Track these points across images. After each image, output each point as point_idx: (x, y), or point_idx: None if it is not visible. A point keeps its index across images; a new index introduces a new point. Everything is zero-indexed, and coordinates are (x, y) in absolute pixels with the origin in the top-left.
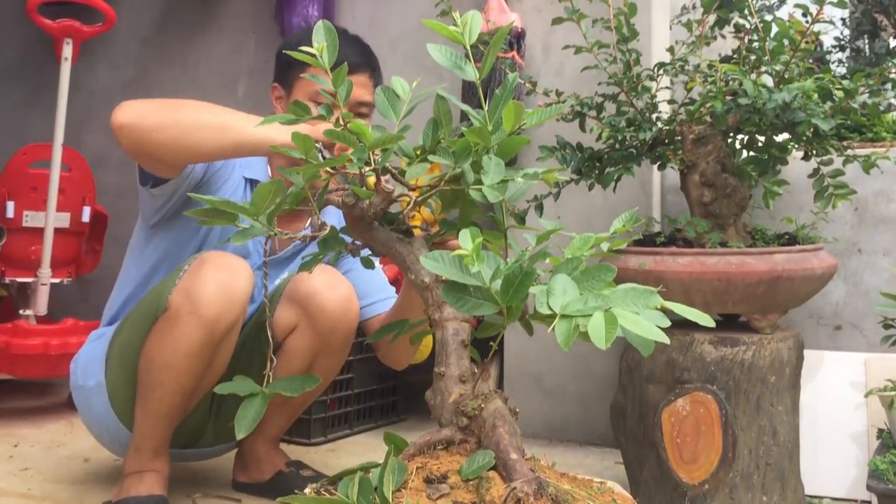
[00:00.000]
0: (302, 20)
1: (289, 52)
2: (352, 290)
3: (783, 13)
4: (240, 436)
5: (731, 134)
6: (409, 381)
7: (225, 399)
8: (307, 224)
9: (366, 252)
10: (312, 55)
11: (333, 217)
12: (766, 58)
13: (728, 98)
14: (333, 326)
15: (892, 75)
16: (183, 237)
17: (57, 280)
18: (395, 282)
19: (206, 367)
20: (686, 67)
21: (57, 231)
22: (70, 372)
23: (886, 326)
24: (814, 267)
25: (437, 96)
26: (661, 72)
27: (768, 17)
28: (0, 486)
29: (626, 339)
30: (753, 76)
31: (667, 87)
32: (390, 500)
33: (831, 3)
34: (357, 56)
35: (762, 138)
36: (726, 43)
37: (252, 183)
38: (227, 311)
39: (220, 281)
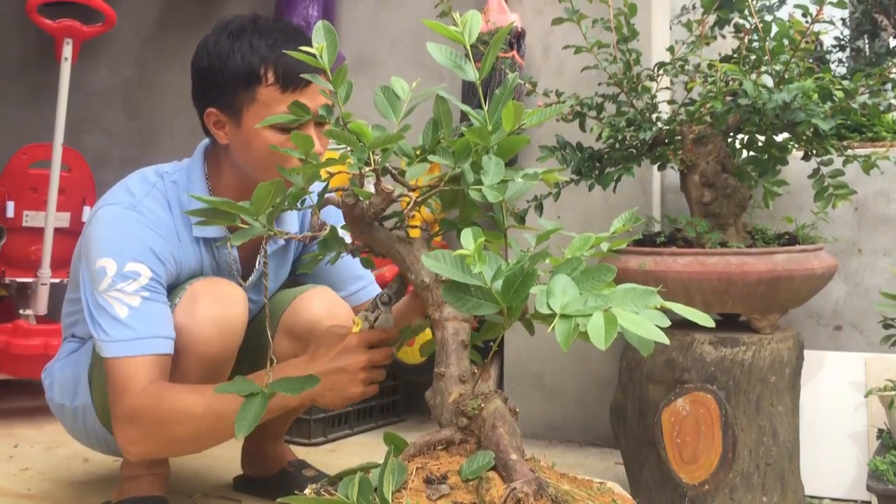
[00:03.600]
0: (302, 20)
1: (215, 72)
2: (350, 311)
3: (783, 13)
4: (240, 436)
5: (731, 134)
6: (409, 381)
7: None
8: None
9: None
10: (312, 55)
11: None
12: (766, 58)
13: (728, 98)
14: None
15: (892, 75)
16: None
17: (57, 280)
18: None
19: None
20: (686, 67)
21: (57, 231)
22: (43, 384)
23: (886, 326)
24: (814, 267)
25: (437, 96)
26: (661, 72)
27: (768, 17)
28: (0, 485)
29: (626, 339)
30: (753, 76)
31: (667, 88)
32: (390, 500)
33: (831, 3)
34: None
35: (762, 138)
36: (726, 43)
37: (205, 241)
38: (227, 345)
39: (216, 316)
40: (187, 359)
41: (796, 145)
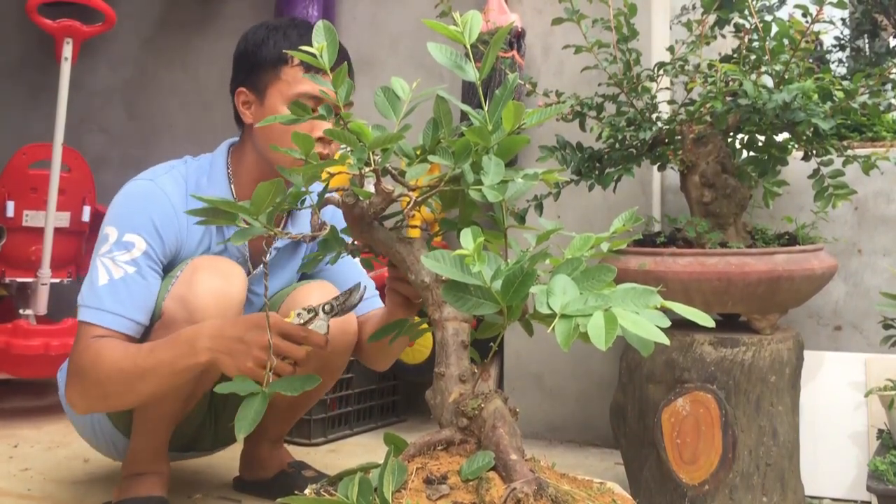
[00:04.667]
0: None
1: (250, 55)
2: (351, 314)
3: (783, 13)
4: (240, 436)
5: (731, 134)
6: (409, 381)
7: (224, 403)
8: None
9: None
10: (313, 55)
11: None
12: (766, 58)
13: (728, 98)
14: (333, 349)
15: (892, 75)
16: None
17: (57, 280)
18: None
19: (203, 371)
20: (686, 67)
21: (57, 231)
22: (58, 382)
23: (886, 326)
24: (814, 267)
25: (437, 96)
26: (661, 72)
27: (768, 17)
28: (0, 486)
29: (626, 339)
30: (753, 76)
31: (667, 88)
32: (390, 500)
33: (831, 3)
34: (340, 52)
35: (762, 138)
36: (726, 43)
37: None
38: (224, 317)
39: (215, 288)
40: (184, 328)
41: (796, 145)
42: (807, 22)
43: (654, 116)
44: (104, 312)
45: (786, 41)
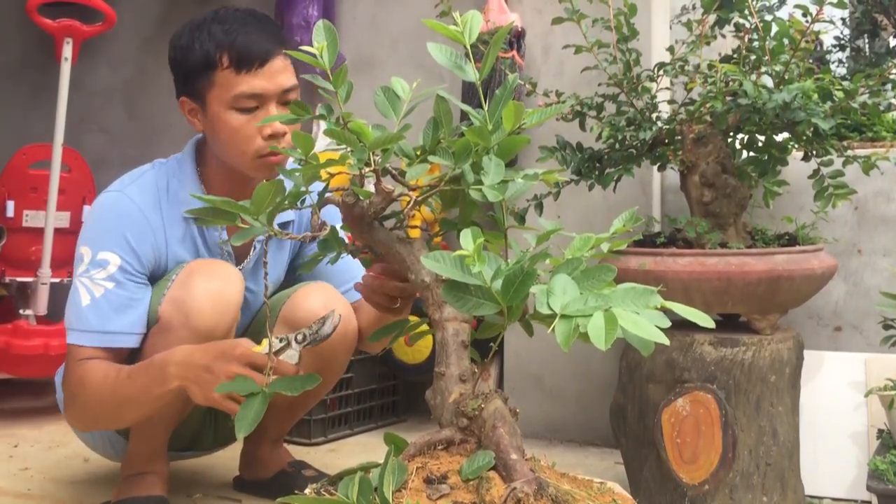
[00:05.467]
0: (301, 20)
1: (179, 63)
2: (350, 308)
3: (783, 13)
4: (240, 436)
5: (731, 134)
6: (409, 381)
7: None
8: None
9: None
10: (312, 55)
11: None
12: (766, 58)
13: (728, 98)
14: (334, 350)
15: (892, 75)
16: None
17: (57, 280)
18: None
19: None
20: (686, 67)
21: (57, 231)
22: (57, 386)
23: (886, 327)
24: (814, 267)
25: (437, 96)
26: (661, 72)
27: (768, 17)
28: (0, 485)
29: (626, 340)
30: (753, 76)
31: (667, 88)
32: (390, 500)
33: (831, 3)
34: (266, 40)
35: (762, 138)
36: (726, 43)
37: (197, 223)
38: (221, 320)
39: (212, 291)
40: (183, 333)
41: (796, 145)
42: (807, 22)
43: (654, 116)
44: (90, 333)
45: (786, 41)
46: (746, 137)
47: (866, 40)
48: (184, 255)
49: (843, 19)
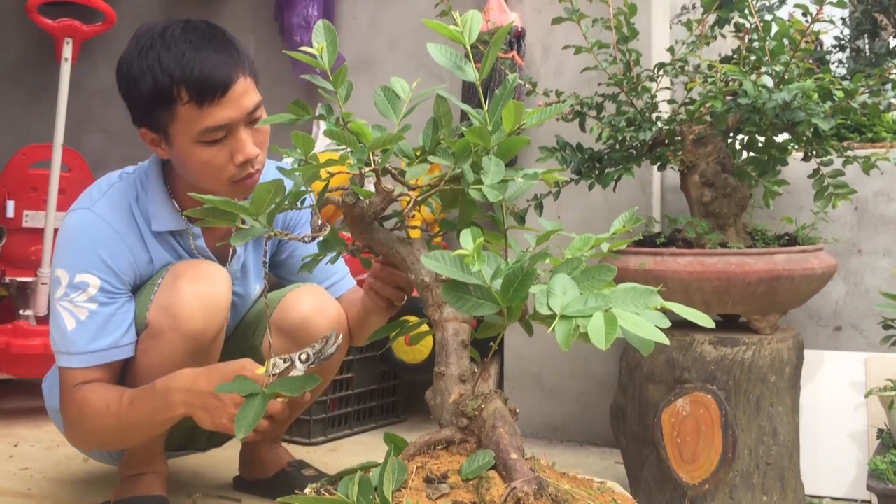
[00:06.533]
0: (301, 20)
1: (132, 94)
2: (340, 309)
3: (783, 13)
4: (240, 436)
5: (731, 134)
6: (410, 381)
7: None
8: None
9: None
10: (312, 55)
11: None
12: (766, 58)
13: (728, 98)
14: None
15: (892, 75)
16: None
17: None
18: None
19: None
20: (686, 67)
21: (57, 231)
22: (44, 393)
23: (886, 326)
24: (814, 267)
25: (437, 96)
26: (661, 72)
27: (768, 17)
28: (0, 485)
29: (626, 339)
30: (753, 76)
31: (667, 88)
32: (390, 499)
33: (831, 3)
34: (224, 63)
35: (762, 138)
36: (726, 43)
37: (163, 234)
38: (211, 322)
39: (199, 293)
40: (173, 337)
41: (796, 145)
42: (807, 22)
43: (654, 116)
44: (81, 355)
45: (786, 41)
46: (746, 137)
47: (866, 40)
48: (168, 259)
49: (843, 19)
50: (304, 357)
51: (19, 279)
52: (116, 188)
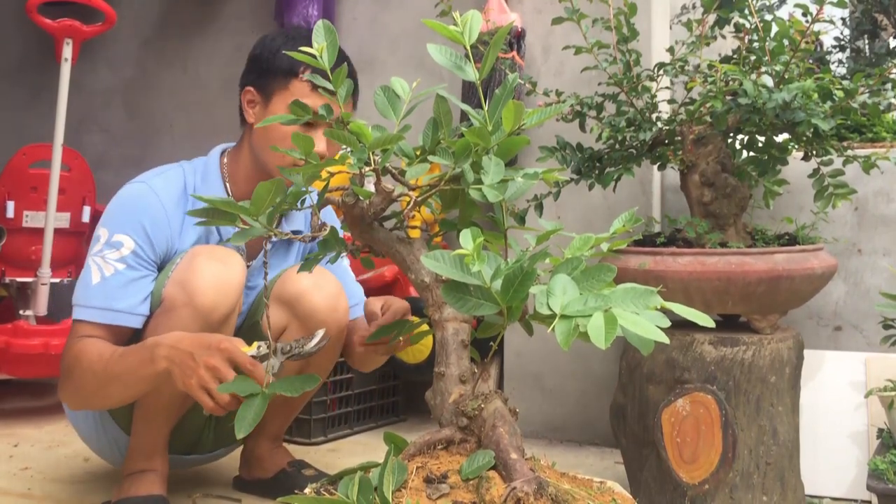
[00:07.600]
0: (302, 20)
1: (264, 60)
2: (340, 287)
3: (783, 13)
4: (240, 436)
5: (731, 134)
6: (409, 381)
7: None
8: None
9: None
10: (312, 55)
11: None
12: (766, 58)
13: (728, 98)
14: (324, 326)
15: (892, 75)
16: None
17: (57, 280)
18: (394, 282)
19: None
20: (686, 68)
21: (57, 231)
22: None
23: (886, 326)
24: (814, 267)
25: (437, 96)
26: (661, 72)
27: (768, 17)
28: (0, 485)
29: (626, 339)
30: (753, 76)
31: (667, 88)
32: (390, 499)
33: (831, 3)
34: (352, 76)
35: (762, 138)
36: (726, 43)
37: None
38: (222, 300)
39: (214, 271)
40: (185, 312)
41: (796, 145)
42: (807, 22)
43: (654, 116)
44: (95, 309)
45: (786, 41)
46: (746, 137)
47: (866, 40)
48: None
49: (843, 19)
50: (286, 348)
51: (19, 279)
52: (175, 171)
